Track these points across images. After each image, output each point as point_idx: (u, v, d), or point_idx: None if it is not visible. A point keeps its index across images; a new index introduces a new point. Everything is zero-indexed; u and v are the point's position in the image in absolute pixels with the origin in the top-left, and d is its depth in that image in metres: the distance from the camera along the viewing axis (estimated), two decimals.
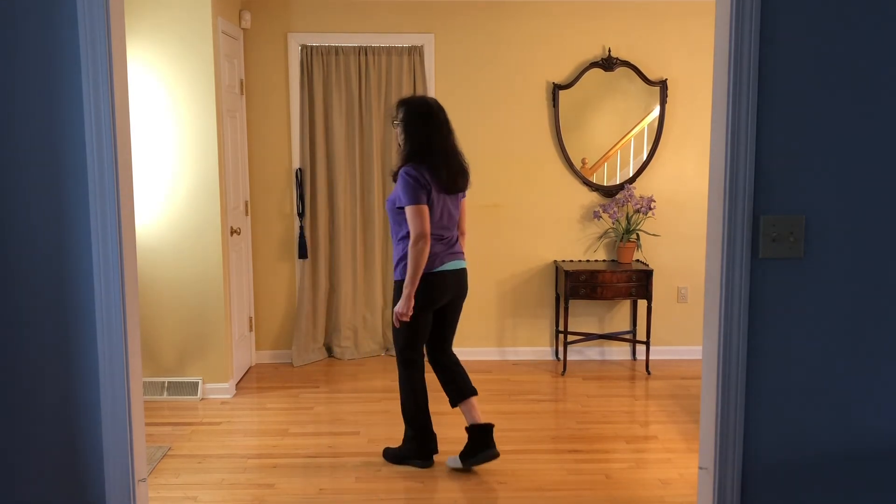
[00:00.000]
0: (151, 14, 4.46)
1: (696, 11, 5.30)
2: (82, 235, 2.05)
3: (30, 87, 2.00)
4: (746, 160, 2.03)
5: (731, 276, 2.07)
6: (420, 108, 3.60)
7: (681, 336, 5.58)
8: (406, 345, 3.66)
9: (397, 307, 3.53)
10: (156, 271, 4.64)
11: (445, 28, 5.35)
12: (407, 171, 3.49)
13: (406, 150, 3.56)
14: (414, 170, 3.48)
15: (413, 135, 3.55)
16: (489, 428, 3.69)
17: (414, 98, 3.74)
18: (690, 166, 5.47)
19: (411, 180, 3.46)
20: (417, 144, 3.54)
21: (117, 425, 2.11)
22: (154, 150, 4.57)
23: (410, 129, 3.56)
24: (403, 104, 3.64)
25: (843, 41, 2.01)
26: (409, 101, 3.66)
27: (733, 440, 2.13)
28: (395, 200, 3.55)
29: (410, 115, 3.58)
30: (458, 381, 3.75)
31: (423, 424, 3.74)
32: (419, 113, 3.58)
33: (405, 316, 3.51)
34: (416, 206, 3.44)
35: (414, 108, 3.60)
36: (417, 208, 3.44)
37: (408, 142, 3.56)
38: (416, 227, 3.44)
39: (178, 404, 4.63)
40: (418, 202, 3.45)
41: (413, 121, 3.56)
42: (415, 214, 3.44)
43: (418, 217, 3.44)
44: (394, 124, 3.67)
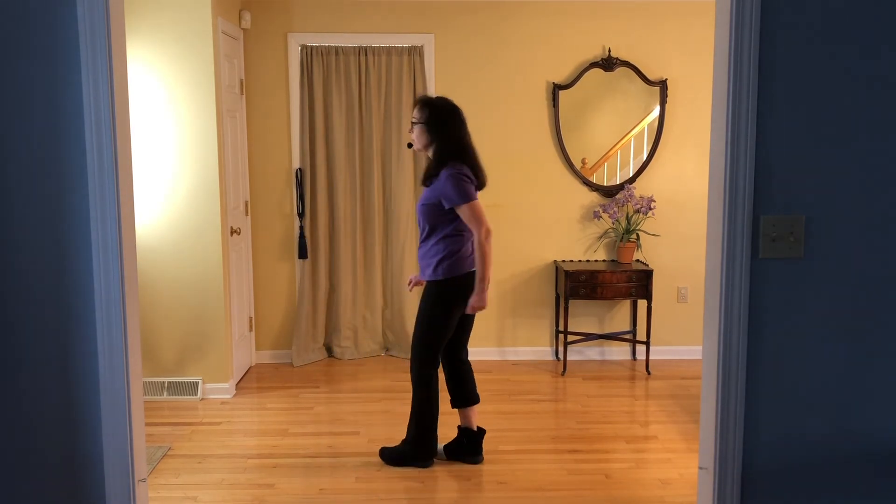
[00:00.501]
0: (151, 14, 4.46)
1: (696, 11, 5.30)
2: (82, 235, 2.05)
3: (30, 87, 2.00)
4: (746, 160, 2.03)
5: (731, 276, 2.07)
6: (449, 108, 3.59)
7: (681, 336, 5.58)
8: (430, 345, 3.64)
9: (476, 301, 3.57)
10: (156, 271, 4.64)
11: (445, 28, 5.35)
12: (458, 171, 3.48)
13: (441, 150, 3.54)
14: (460, 168, 3.49)
15: (445, 135, 3.54)
16: (481, 435, 3.78)
17: (437, 98, 3.69)
18: (690, 166, 5.47)
19: (464, 178, 3.48)
20: (454, 144, 3.54)
21: (117, 425, 2.11)
22: (154, 150, 4.57)
23: (441, 129, 3.54)
24: (427, 105, 3.60)
25: (843, 41, 2.01)
26: (434, 102, 3.62)
27: (733, 440, 2.13)
28: (433, 202, 3.52)
29: (440, 115, 3.56)
30: (467, 387, 3.79)
31: (431, 429, 3.73)
32: (450, 113, 3.57)
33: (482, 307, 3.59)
34: (475, 202, 3.49)
35: (441, 108, 3.58)
36: (477, 204, 3.50)
37: (440, 142, 3.54)
38: (483, 222, 3.50)
39: (178, 404, 4.63)
40: (474, 198, 3.49)
41: (444, 121, 3.55)
42: (476, 210, 3.49)
43: (479, 211, 3.50)
44: (412, 122, 3.62)
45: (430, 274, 3.60)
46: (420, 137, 3.59)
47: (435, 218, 3.55)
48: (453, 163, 3.51)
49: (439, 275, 3.56)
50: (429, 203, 3.56)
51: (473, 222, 3.49)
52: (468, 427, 3.79)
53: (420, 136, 3.59)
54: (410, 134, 3.65)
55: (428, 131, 3.56)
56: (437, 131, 3.55)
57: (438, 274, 3.56)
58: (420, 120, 3.58)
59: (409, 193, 5.42)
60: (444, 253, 3.55)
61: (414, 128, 3.61)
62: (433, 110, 3.57)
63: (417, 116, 3.59)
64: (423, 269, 3.66)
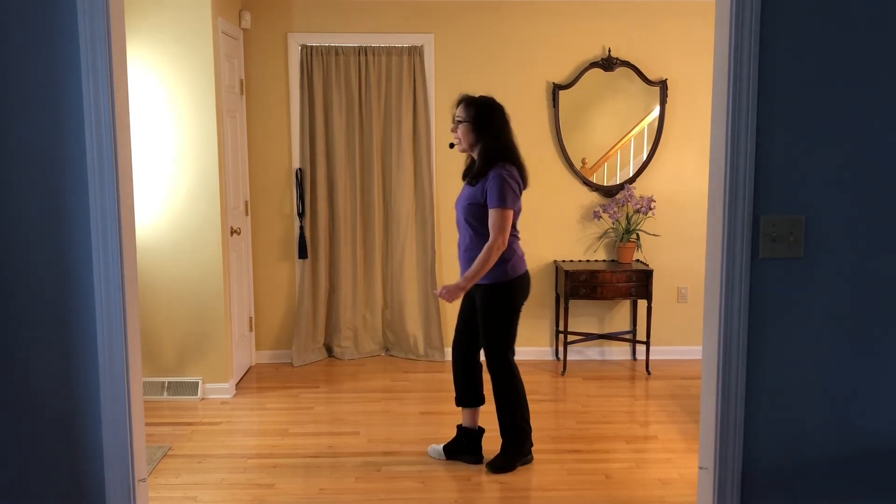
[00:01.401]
0: (151, 14, 4.46)
1: (696, 11, 5.30)
2: (82, 235, 2.05)
3: (29, 88, 2.00)
4: (746, 160, 2.03)
5: (731, 276, 2.07)
6: (495, 107, 3.55)
7: (681, 336, 5.58)
8: (505, 346, 3.64)
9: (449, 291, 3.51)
10: (156, 271, 4.64)
11: (445, 28, 5.35)
12: (508, 173, 3.45)
13: (489, 149, 3.50)
14: (511, 171, 3.47)
15: (492, 134, 3.50)
16: (480, 434, 3.79)
17: (482, 97, 3.61)
18: (690, 166, 5.47)
19: (514, 183, 3.46)
20: (501, 143, 3.51)
21: (117, 425, 2.11)
22: (154, 150, 4.57)
23: (488, 128, 3.50)
24: (473, 103, 3.55)
25: (843, 41, 2.01)
26: (480, 101, 3.57)
27: (733, 440, 2.13)
28: (480, 201, 3.49)
29: (486, 114, 3.51)
30: (477, 388, 3.79)
31: (525, 427, 3.72)
32: (496, 111, 3.54)
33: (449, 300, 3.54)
34: (508, 212, 3.45)
35: (488, 106, 3.54)
36: (508, 214, 3.45)
37: (487, 141, 3.50)
38: (504, 232, 3.44)
39: (178, 404, 4.63)
40: (510, 208, 3.45)
41: (490, 119, 3.51)
42: (506, 218, 3.44)
43: (507, 222, 3.45)
44: (456, 121, 3.56)
45: (491, 277, 3.53)
46: (465, 137, 3.54)
47: (484, 218, 3.51)
48: (503, 163, 3.47)
49: (498, 277, 3.52)
50: (475, 203, 3.52)
51: (496, 229, 3.44)
52: (470, 427, 3.79)
53: (466, 136, 3.54)
54: (453, 133, 3.60)
55: (474, 130, 3.51)
56: (484, 130, 3.50)
57: (498, 276, 3.52)
58: (466, 119, 3.53)
59: (409, 193, 5.42)
60: (504, 254, 3.51)
61: (459, 127, 3.55)
62: (479, 109, 3.53)
63: (463, 115, 3.54)
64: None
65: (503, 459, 3.70)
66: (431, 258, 5.45)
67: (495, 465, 3.69)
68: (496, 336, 3.64)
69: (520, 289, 3.60)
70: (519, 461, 3.72)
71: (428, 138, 5.38)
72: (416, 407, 4.61)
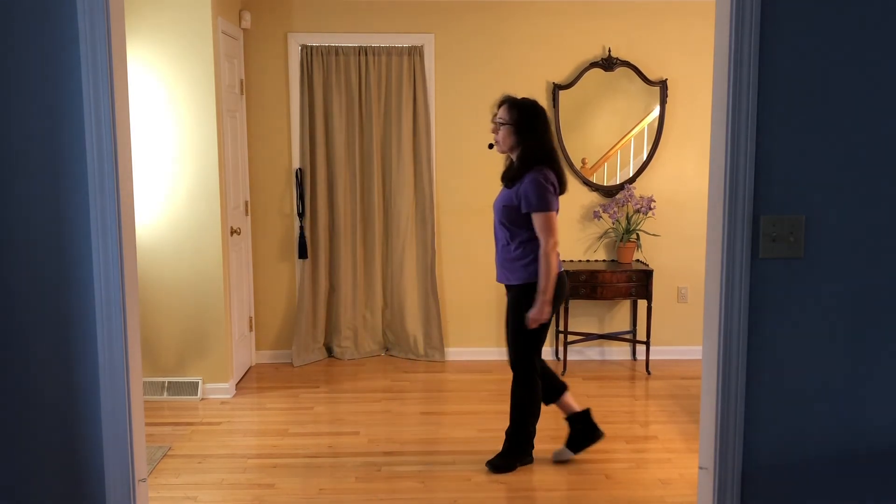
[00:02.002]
0: (151, 14, 4.46)
1: (696, 11, 5.30)
2: (82, 235, 2.05)
3: (30, 88, 2.00)
4: (746, 160, 2.03)
5: (731, 276, 2.07)
6: (538, 110, 3.55)
7: (681, 336, 5.58)
8: (532, 349, 3.62)
9: (535, 314, 3.48)
10: (156, 271, 4.64)
11: (445, 28, 5.35)
12: (543, 177, 3.45)
13: (529, 153, 3.50)
14: (547, 174, 3.46)
15: (534, 137, 3.50)
16: (587, 413, 3.78)
17: (524, 99, 3.60)
18: (690, 166, 5.47)
19: (550, 186, 3.45)
20: (544, 149, 3.51)
21: (117, 425, 2.11)
22: (154, 150, 4.57)
23: (530, 131, 3.50)
24: (516, 106, 3.54)
25: (843, 41, 2.01)
26: (523, 103, 3.56)
27: (733, 440, 2.13)
28: (514, 204, 3.50)
29: (529, 117, 3.51)
30: (552, 380, 3.77)
31: (531, 430, 3.71)
32: (539, 115, 3.53)
33: (543, 321, 3.50)
34: (552, 213, 3.46)
35: (531, 109, 3.53)
36: (552, 215, 3.46)
37: (528, 144, 3.50)
38: (553, 234, 3.46)
39: (178, 404, 4.63)
40: (552, 209, 3.46)
41: (534, 123, 3.51)
42: (551, 220, 3.46)
43: (553, 223, 3.46)
44: (499, 123, 3.55)
45: (522, 277, 3.54)
46: (506, 139, 3.54)
47: (519, 220, 3.51)
48: (540, 167, 3.47)
49: (533, 277, 3.51)
50: (511, 205, 3.52)
51: (544, 232, 3.45)
52: (573, 412, 3.77)
53: (507, 138, 3.53)
54: (494, 135, 3.59)
55: (516, 133, 3.51)
56: (526, 133, 3.50)
57: (532, 276, 3.52)
58: (508, 121, 3.52)
59: (409, 193, 5.42)
60: (534, 255, 3.51)
61: (500, 129, 3.54)
62: (522, 111, 3.52)
63: (505, 117, 3.53)
64: (510, 274, 3.60)
65: (504, 459, 3.69)
66: (431, 258, 5.45)
67: (495, 464, 3.69)
68: (522, 337, 3.61)
69: (561, 289, 3.58)
70: (520, 462, 3.71)
71: (428, 138, 5.38)
72: (416, 407, 4.61)
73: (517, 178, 3.51)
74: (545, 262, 3.45)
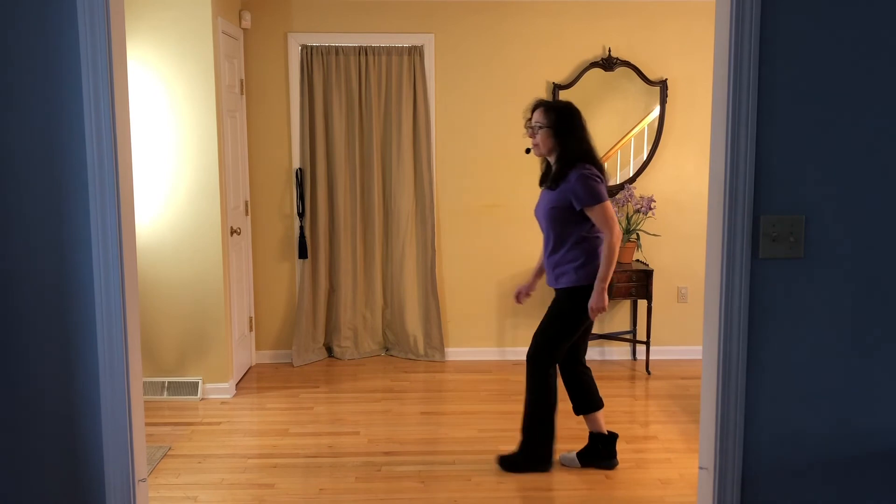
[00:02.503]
0: (151, 14, 4.46)
1: (696, 11, 5.30)
2: (82, 236, 2.05)
3: (30, 88, 2.00)
4: (746, 160, 2.03)
5: (731, 276, 2.07)
6: (575, 112, 3.55)
7: (681, 336, 5.58)
8: (557, 347, 3.60)
9: (595, 302, 3.47)
10: (156, 271, 4.64)
11: (445, 28, 5.35)
12: (588, 172, 3.44)
13: (568, 154, 3.49)
14: (590, 169, 3.46)
15: (573, 139, 3.50)
16: (614, 438, 3.74)
17: (559, 101, 3.59)
18: (690, 166, 5.47)
19: (597, 178, 3.45)
20: (580, 147, 3.50)
21: (117, 425, 2.11)
22: (154, 149, 4.57)
23: (569, 133, 3.50)
24: (553, 108, 3.55)
25: (843, 41, 2.01)
26: (559, 106, 3.58)
27: (733, 440, 2.13)
28: (563, 205, 3.48)
29: (566, 118, 3.52)
30: (590, 393, 3.74)
31: (551, 430, 3.67)
32: (576, 116, 3.54)
33: (603, 309, 3.49)
34: (607, 203, 3.45)
35: (568, 111, 3.55)
36: (608, 205, 3.45)
37: (567, 146, 3.49)
38: (615, 223, 3.45)
39: (178, 404, 4.63)
40: (607, 199, 3.46)
41: (569, 124, 3.51)
42: (608, 210, 3.44)
43: (610, 213, 3.45)
44: (537, 127, 3.54)
45: (571, 280, 3.52)
46: (545, 142, 3.53)
47: (567, 221, 3.50)
48: (581, 164, 3.47)
49: (581, 280, 3.50)
50: (558, 206, 3.50)
51: (605, 223, 3.44)
52: (599, 432, 3.73)
53: (545, 141, 3.53)
54: (531, 139, 3.58)
55: (554, 135, 3.51)
56: (564, 135, 3.50)
57: (580, 279, 3.50)
58: (546, 124, 3.52)
59: (409, 193, 5.42)
60: (584, 258, 3.50)
61: (538, 132, 3.54)
62: (560, 114, 3.53)
63: (543, 121, 3.53)
64: (558, 277, 3.58)
65: (516, 457, 3.67)
66: (431, 258, 5.45)
67: (508, 461, 3.66)
68: (553, 340, 3.60)
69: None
70: (533, 466, 3.66)
71: (428, 138, 5.38)
72: (416, 407, 4.61)
73: (561, 179, 3.50)
74: (609, 251, 3.45)
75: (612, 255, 3.47)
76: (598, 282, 3.48)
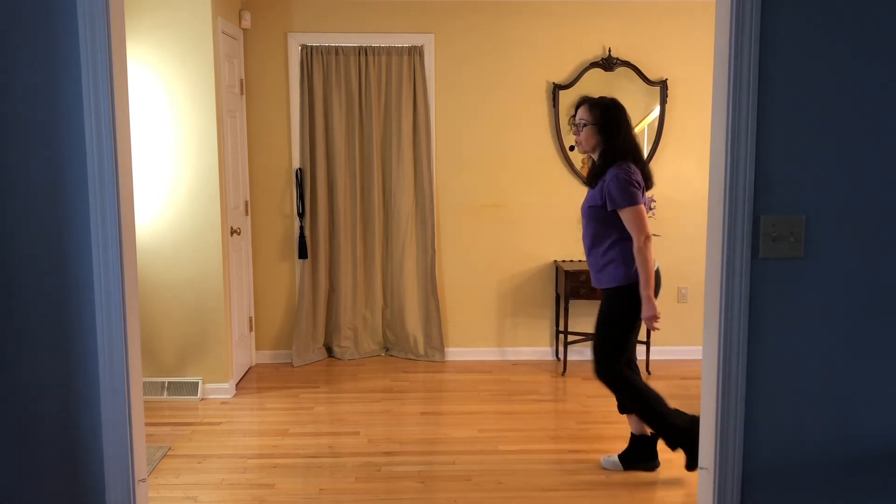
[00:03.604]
0: (151, 14, 4.46)
1: (696, 11, 5.30)
2: (82, 236, 2.05)
3: (29, 88, 2.00)
4: (746, 160, 2.03)
5: (731, 276, 2.07)
6: (620, 108, 3.51)
7: (681, 336, 5.58)
8: (617, 352, 3.53)
9: (646, 312, 3.41)
10: (156, 271, 4.64)
11: (445, 28, 5.35)
12: (624, 171, 3.38)
13: (611, 150, 3.45)
14: (627, 169, 3.40)
15: (616, 135, 3.45)
16: (655, 439, 3.67)
17: (604, 98, 3.57)
18: (690, 166, 5.47)
19: (631, 180, 3.38)
20: (624, 144, 3.46)
21: (117, 425, 2.11)
22: (154, 149, 4.57)
23: (614, 130, 3.46)
24: (597, 105, 3.50)
25: (844, 40, 2.01)
26: (604, 103, 3.53)
27: (733, 440, 2.13)
28: (599, 203, 3.44)
29: (611, 115, 3.47)
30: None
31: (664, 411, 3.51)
32: (621, 112, 3.50)
33: (656, 317, 3.43)
34: (638, 207, 3.38)
35: (613, 108, 3.50)
36: (640, 209, 3.38)
37: (611, 143, 3.45)
38: (644, 228, 3.38)
39: (178, 404, 4.63)
40: (639, 202, 3.38)
41: (614, 121, 3.47)
42: (639, 215, 3.37)
43: (642, 218, 3.38)
44: (581, 125, 3.51)
45: (617, 279, 3.47)
46: (589, 139, 3.50)
47: (603, 221, 3.46)
48: (621, 162, 3.42)
49: (622, 280, 3.45)
50: (596, 205, 3.47)
51: (634, 227, 3.38)
52: (641, 433, 3.68)
53: (590, 138, 3.50)
54: (576, 137, 3.55)
55: (599, 132, 3.47)
56: (609, 132, 3.46)
57: (621, 279, 3.46)
58: (591, 121, 3.48)
59: (409, 193, 5.42)
60: (621, 258, 3.45)
61: (582, 130, 3.51)
62: (605, 111, 3.49)
63: (587, 118, 3.50)
64: (602, 276, 3.53)
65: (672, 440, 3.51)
66: (431, 258, 5.45)
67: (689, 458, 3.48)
68: (608, 347, 3.54)
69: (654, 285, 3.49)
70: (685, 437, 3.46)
71: (428, 138, 5.38)
72: (416, 407, 4.61)
73: (599, 176, 3.47)
74: (641, 258, 3.38)
75: (644, 261, 3.38)
76: (642, 290, 3.41)
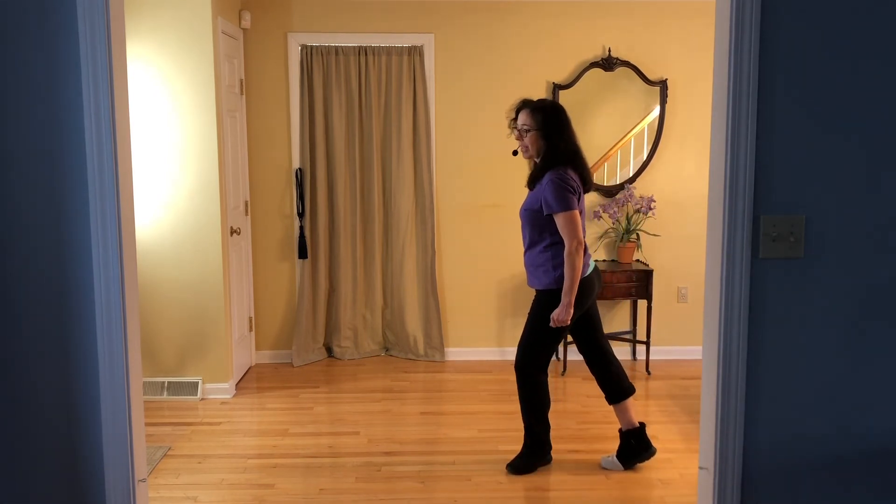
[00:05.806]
0: (151, 14, 4.46)
1: (696, 11, 5.30)
2: (82, 236, 2.05)
3: (30, 87, 2.00)
4: (746, 160, 2.03)
5: (731, 276, 2.07)
6: (561, 111, 3.50)
7: (681, 336, 5.58)
8: (542, 354, 3.57)
9: (558, 314, 3.42)
10: (156, 271, 4.64)
11: (445, 28, 5.35)
12: (559, 176, 3.38)
13: (552, 154, 3.44)
14: (563, 174, 3.39)
15: (558, 138, 3.45)
16: (643, 429, 3.70)
17: (543, 101, 3.56)
18: (690, 166, 5.47)
19: (566, 185, 3.37)
20: (565, 148, 3.45)
21: (117, 425, 2.11)
22: (154, 149, 4.57)
23: (554, 132, 3.45)
24: (540, 110, 3.49)
25: (844, 40, 2.01)
26: (545, 106, 3.52)
27: (733, 440, 2.13)
28: (536, 207, 3.45)
29: (552, 119, 3.46)
30: (614, 380, 3.70)
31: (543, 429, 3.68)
32: (562, 116, 3.49)
33: (565, 322, 3.43)
34: (572, 213, 3.37)
35: (554, 111, 3.50)
36: (573, 214, 3.37)
37: (552, 146, 3.45)
38: (574, 235, 3.37)
39: (178, 404, 4.63)
40: (573, 208, 3.38)
41: (556, 124, 3.46)
42: (571, 221, 3.37)
43: (574, 224, 3.37)
44: (524, 130, 3.50)
45: (545, 282, 3.50)
46: (534, 144, 3.49)
47: (541, 223, 3.46)
48: (559, 167, 3.42)
49: (554, 284, 3.46)
50: (532, 209, 3.47)
51: (566, 232, 3.38)
52: (630, 427, 3.70)
53: (534, 143, 3.49)
54: (519, 141, 3.54)
55: (543, 137, 3.46)
56: (552, 135, 3.45)
57: (552, 283, 3.47)
58: (534, 126, 3.47)
59: (409, 193, 5.42)
60: (555, 262, 3.46)
61: (525, 135, 3.50)
62: (547, 115, 3.47)
63: (530, 123, 3.48)
64: (534, 278, 3.55)
65: (523, 460, 3.67)
66: (431, 258, 5.45)
67: (515, 465, 3.66)
68: (534, 342, 3.58)
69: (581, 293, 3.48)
70: (539, 463, 3.69)
71: (428, 138, 5.38)
72: (416, 407, 4.61)
73: (537, 179, 3.47)
74: (570, 262, 3.38)
75: (572, 266, 3.38)
76: (564, 294, 3.42)
